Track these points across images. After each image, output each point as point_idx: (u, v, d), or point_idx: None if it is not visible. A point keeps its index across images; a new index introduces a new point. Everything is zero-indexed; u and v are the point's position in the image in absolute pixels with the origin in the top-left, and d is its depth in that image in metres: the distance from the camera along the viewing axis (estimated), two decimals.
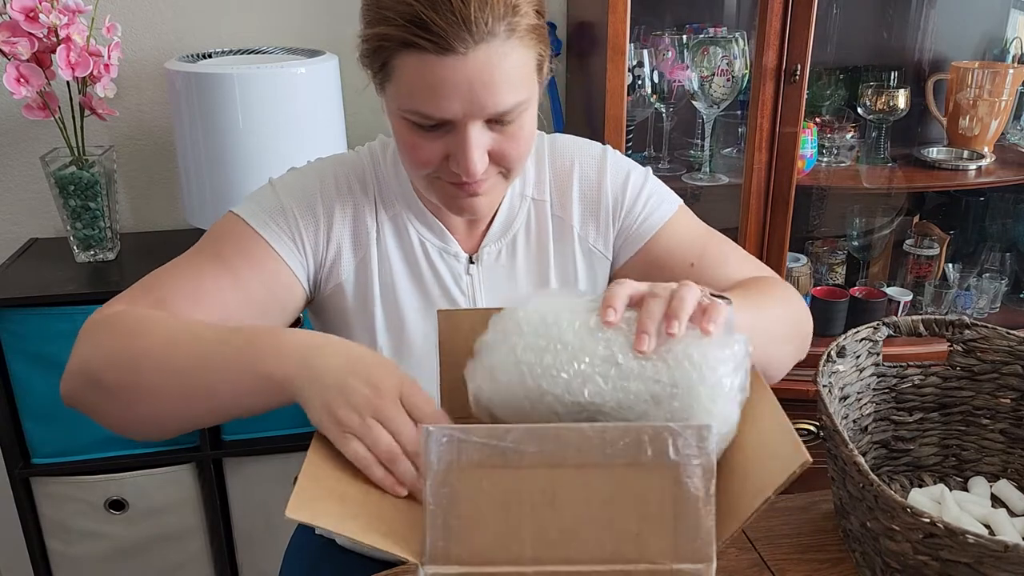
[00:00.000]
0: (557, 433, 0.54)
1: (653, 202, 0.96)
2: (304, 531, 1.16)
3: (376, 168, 0.92)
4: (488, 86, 0.72)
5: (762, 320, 0.81)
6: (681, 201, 1.00)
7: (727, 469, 0.62)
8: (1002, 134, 1.78)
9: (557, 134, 0.99)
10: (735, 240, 1.00)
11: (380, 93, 0.81)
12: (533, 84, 0.78)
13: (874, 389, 0.97)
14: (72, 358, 0.75)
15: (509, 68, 0.73)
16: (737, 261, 0.96)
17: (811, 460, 0.54)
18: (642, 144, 1.72)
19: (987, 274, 1.81)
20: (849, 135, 1.72)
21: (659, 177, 1.00)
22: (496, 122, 0.76)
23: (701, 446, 0.54)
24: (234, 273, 0.83)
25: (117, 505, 1.57)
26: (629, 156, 1.01)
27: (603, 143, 1.00)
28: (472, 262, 0.93)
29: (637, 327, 0.62)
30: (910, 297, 1.75)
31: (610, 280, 0.98)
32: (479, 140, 0.75)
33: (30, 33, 1.36)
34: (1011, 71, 1.68)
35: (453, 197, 0.82)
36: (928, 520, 0.67)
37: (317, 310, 0.96)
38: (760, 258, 1.55)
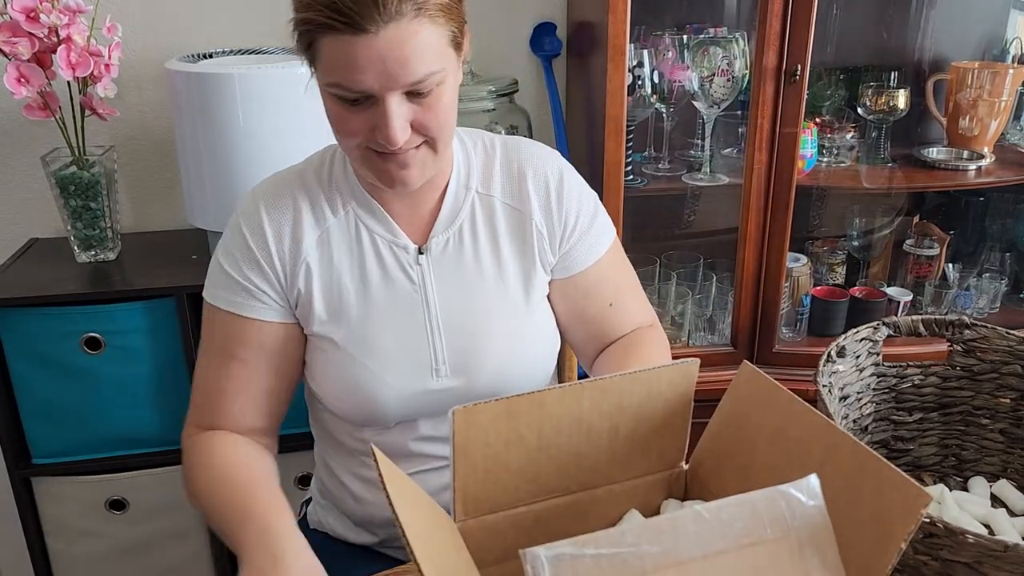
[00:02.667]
0: (673, 525, 0.51)
1: (597, 231, 1.01)
2: (306, 531, 1.16)
3: (320, 173, 0.97)
4: (399, 61, 0.78)
5: None
6: (615, 230, 1.05)
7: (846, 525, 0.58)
8: (1002, 134, 1.78)
9: (510, 137, 1.03)
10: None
11: (312, 74, 0.87)
12: (448, 59, 0.83)
13: (874, 389, 0.97)
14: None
15: (419, 44, 0.79)
16: (638, 310, 1.06)
17: (932, 497, 0.53)
18: (642, 144, 1.72)
19: (987, 274, 1.81)
20: (849, 135, 1.72)
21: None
22: (414, 94, 0.82)
23: (814, 500, 0.52)
24: (241, 361, 0.95)
25: (117, 505, 1.57)
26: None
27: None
28: (421, 252, 0.95)
29: None
30: (910, 297, 1.75)
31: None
32: (398, 111, 0.81)
33: (31, 33, 1.36)
34: (1011, 71, 1.68)
35: (384, 170, 0.87)
36: (928, 520, 0.67)
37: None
38: (760, 258, 1.58)
